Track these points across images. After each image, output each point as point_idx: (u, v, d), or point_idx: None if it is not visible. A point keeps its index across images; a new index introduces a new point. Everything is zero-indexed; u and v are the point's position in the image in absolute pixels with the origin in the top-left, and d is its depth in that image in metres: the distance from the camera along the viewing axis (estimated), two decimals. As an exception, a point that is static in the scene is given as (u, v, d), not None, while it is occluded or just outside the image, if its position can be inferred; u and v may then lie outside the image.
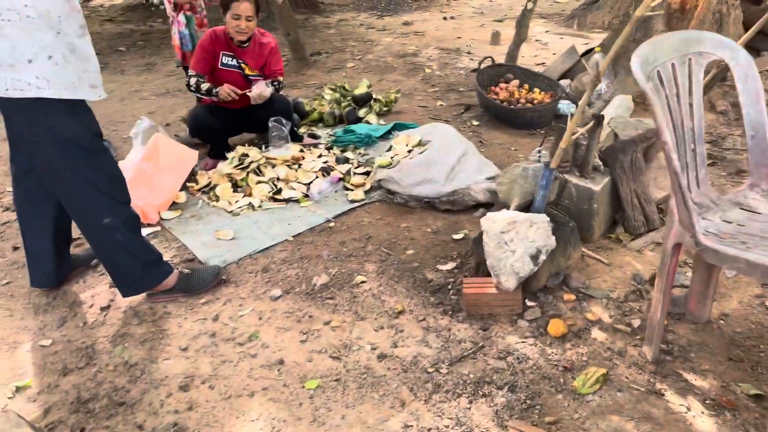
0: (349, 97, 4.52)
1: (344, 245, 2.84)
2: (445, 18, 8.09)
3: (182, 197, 3.35)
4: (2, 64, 1.94)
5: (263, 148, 3.73)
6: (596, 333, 2.17)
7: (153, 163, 3.19)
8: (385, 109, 4.52)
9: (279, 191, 3.30)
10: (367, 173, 3.46)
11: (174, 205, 3.28)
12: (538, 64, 5.84)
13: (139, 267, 2.38)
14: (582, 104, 2.18)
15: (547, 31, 7.31)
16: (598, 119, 2.52)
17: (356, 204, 3.21)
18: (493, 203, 2.98)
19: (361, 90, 4.35)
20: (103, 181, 2.22)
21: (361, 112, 4.31)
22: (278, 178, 3.39)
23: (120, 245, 2.31)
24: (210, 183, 3.45)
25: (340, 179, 3.44)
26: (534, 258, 2.22)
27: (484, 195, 3.03)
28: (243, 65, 3.63)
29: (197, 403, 1.99)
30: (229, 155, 3.59)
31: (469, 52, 6.36)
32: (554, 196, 2.56)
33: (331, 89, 4.84)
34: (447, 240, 2.84)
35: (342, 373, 2.08)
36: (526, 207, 2.50)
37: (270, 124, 3.55)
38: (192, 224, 3.11)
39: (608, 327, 2.20)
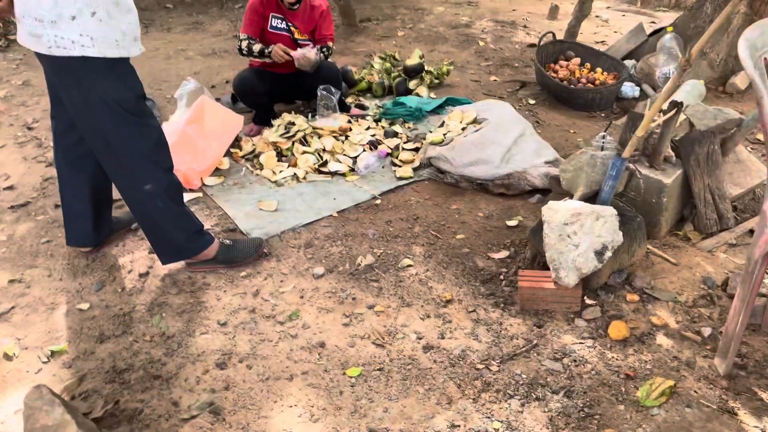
0: (399, 68, 4.33)
1: (390, 225, 2.71)
2: (500, -12, 7.74)
3: (225, 163, 3.26)
4: (45, 21, 1.84)
5: (309, 116, 3.60)
6: (662, 339, 2.01)
7: (197, 127, 3.09)
8: (436, 81, 4.33)
9: (325, 163, 3.17)
10: (417, 149, 3.31)
11: (217, 171, 3.19)
12: (597, 42, 5.53)
13: (179, 235, 2.30)
14: (667, 90, 1.98)
15: (608, 7, 6.94)
16: (677, 106, 2.31)
17: (404, 182, 3.07)
18: (549, 189, 2.80)
19: (413, 61, 4.16)
20: (147, 146, 2.13)
21: (412, 84, 4.13)
22: (324, 150, 3.26)
23: (161, 212, 2.23)
24: (254, 150, 3.35)
25: (388, 154, 3.29)
26: (599, 254, 2.05)
27: (541, 180, 2.85)
28: (293, 28, 3.48)
29: (234, 382, 1.92)
30: (275, 122, 3.48)
31: (525, 26, 6.06)
32: (622, 188, 2.37)
33: (381, 58, 4.66)
34: (500, 226, 2.68)
35: (385, 362, 1.97)
36: (591, 197, 2.32)
37: (319, 92, 3.41)
38: (234, 192, 3.02)
39: (675, 333, 2.03)
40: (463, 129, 3.13)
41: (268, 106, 3.60)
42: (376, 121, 3.68)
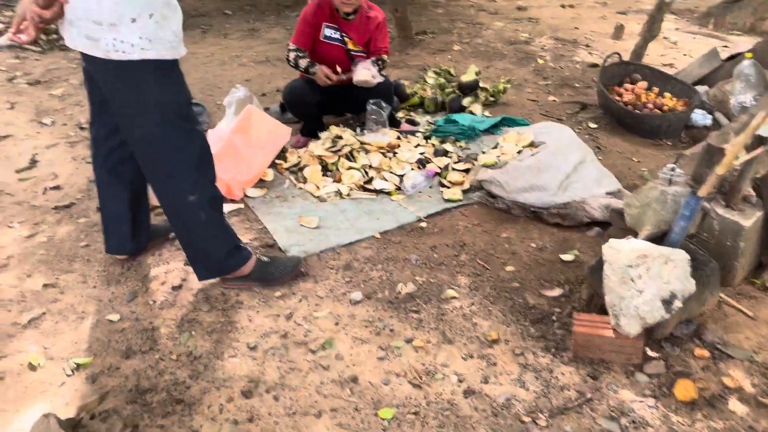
0: (454, 83, 4.18)
1: (435, 250, 2.56)
2: (563, 6, 7.51)
3: (269, 175, 3.18)
4: (103, 23, 1.78)
5: (358, 130, 3.49)
6: (735, 405, 1.78)
7: (244, 137, 3.02)
8: (491, 99, 4.16)
9: (370, 180, 3.04)
10: (467, 170, 3.14)
11: (260, 183, 3.11)
12: (665, 65, 5.25)
13: (218, 250, 2.21)
14: (754, 125, 1.76)
15: (677, 29, 6.62)
16: (763, 143, 2.08)
17: (452, 204, 2.90)
18: (609, 222, 2.59)
19: (468, 77, 4.01)
20: (194, 155, 2.05)
21: (466, 101, 3.98)
22: (370, 166, 3.14)
23: (202, 226, 2.15)
24: (299, 162, 3.25)
25: (437, 174, 3.14)
26: (666, 303, 1.84)
27: (601, 212, 2.65)
28: (346, 39, 3.38)
29: (259, 414, 1.79)
30: (322, 135, 3.38)
31: (587, 45, 5.83)
32: (693, 229, 2.15)
33: (435, 73, 4.53)
34: (554, 260, 2.49)
35: (422, 405, 1.81)
36: (657, 237, 2.11)
37: (368, 107, 3.30)
38: (276, 205, 2.92)
39: (750, 399, 1.80)
40: (519, 152, 2.95)
41: (316, 117, 3.51)
42: (426, 138, 3.54)
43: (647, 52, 4.88)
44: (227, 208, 2.88)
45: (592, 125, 3.83)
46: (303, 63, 3.27)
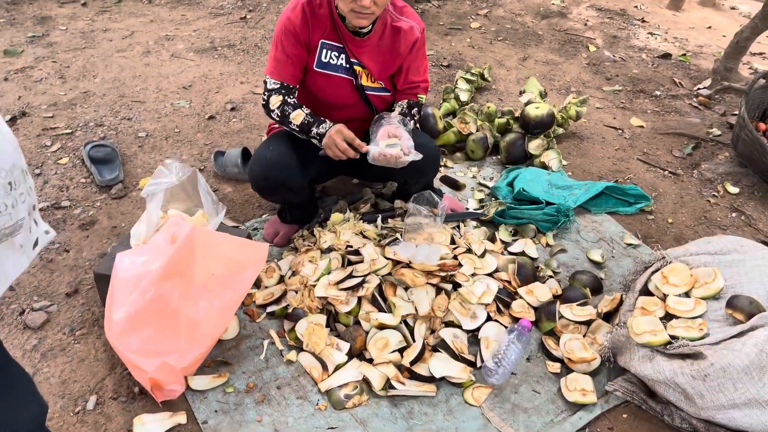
0: (509, 116, 2.73)
1: None
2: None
3: (232, 328, 1.76)
4: None
5: (378, 220, 2.05)
6: None
7: (181, 283, 1.56)
8: (559, 130, 2.77)
9: (420, 356, 1.65)
10: (588, 323, 1.78)
11: (218, 347, 1.69)
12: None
13: None
14: None
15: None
16: None
17: (582, 419, 1.56)
18: None
19: (539, 109, 2.54)
20: None
21: (533, 146, 2.56)
22: (415, 314, 1.75)
23: None
24: (283, 295, 1.84)
25: (534, 324, 1.80)
26: None
27: None
28: (358, 68, 1.89)
29: None
30: (323, 237, 1.95)
31: (642, 20, 4.41)
32: None
33: (466, 80, 3.07)
34: None
35: None
36: None
37: (410, 205, 1.85)
38: (247, 420, 1.52)
39: None
40: (700, 316, 1.60)
41: (308, 200, 2.06)
42: (486, 222, 2.16)
43: (716, 41, 3.53)
44: (154, 427, 1.49)
45: (732, 189, 2.49)
46: (298, 117, 1.78)
